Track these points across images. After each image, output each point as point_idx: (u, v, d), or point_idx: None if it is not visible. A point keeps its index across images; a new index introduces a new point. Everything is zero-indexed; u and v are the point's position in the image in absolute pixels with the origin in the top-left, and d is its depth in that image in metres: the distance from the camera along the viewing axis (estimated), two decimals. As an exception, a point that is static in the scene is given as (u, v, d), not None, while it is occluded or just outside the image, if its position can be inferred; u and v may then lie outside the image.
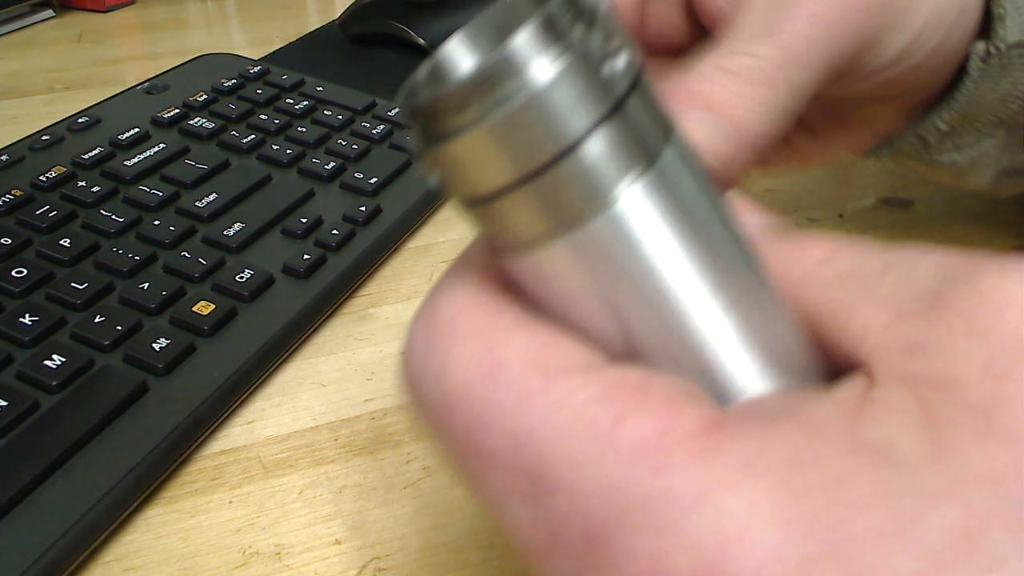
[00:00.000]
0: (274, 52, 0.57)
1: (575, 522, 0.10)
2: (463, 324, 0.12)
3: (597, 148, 0.10)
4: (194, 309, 0.28)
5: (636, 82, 0.10)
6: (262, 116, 0.40)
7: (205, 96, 0.41)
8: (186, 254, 0.31)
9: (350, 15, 0.57)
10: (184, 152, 0.37)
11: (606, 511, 0.10)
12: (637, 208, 0.10)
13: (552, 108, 0.09)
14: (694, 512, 0.10)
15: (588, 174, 0.10)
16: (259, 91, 0.42)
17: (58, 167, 0.35)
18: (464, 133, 0.10)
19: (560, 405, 0.11)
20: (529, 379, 0.11)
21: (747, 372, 0.12)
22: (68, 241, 0.31)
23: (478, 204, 0.10)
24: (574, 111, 0.09)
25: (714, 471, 0.10)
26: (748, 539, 0.09)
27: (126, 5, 0.66)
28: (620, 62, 0.10)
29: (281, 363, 0.29)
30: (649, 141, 0.10)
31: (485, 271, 0.12)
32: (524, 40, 0.09)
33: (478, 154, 0.10)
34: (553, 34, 0.09)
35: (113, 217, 0.32)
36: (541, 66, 0.09)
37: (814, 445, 0.10)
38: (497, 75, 0.09)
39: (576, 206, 0.10)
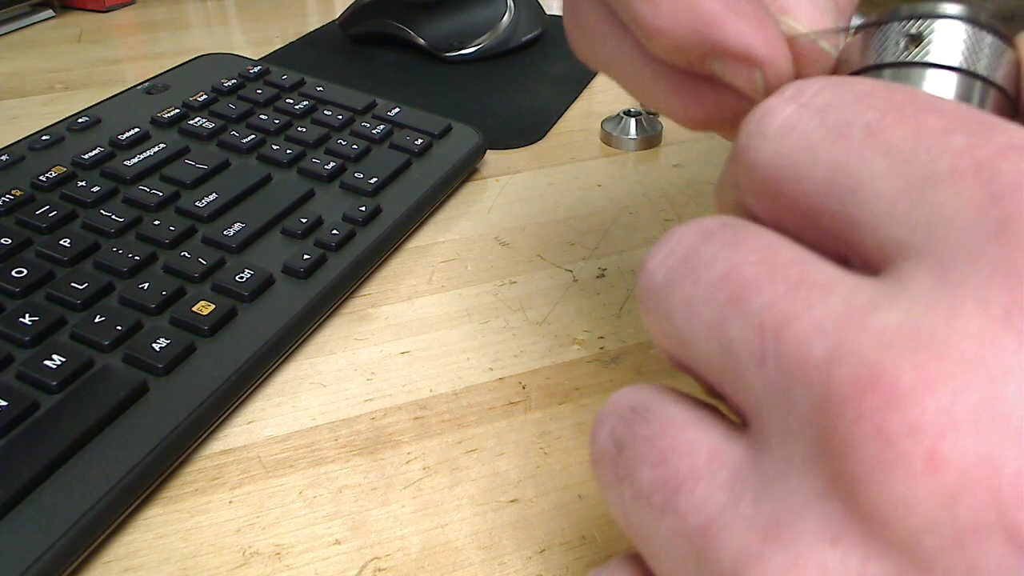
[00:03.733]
0: (274, 52, 0.57)
1: None
2: None
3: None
4: (194, 309, 0.28)
5: (981, 79, 0.17)
6: (262, 116, 0.40)
7: (205, 96, 0.41)
8: (186, 254, 0.31)
9: (350, 15, 0.57)
10: (184, 152, 0.37)
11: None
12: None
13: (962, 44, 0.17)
14: None
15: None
16: (259, 91, 0.42)
17: (58, 167, 0.35)
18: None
19: None
20: None
21: None
22: (68, 241, 0.31)
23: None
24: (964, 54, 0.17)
25: None
26: None
27: (126, 5, 0.66)
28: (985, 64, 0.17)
29: (281, 363, 0.29)
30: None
31: None
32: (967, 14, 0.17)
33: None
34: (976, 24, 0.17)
35: (113, 217, 0.32)
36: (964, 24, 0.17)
37: None
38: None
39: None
